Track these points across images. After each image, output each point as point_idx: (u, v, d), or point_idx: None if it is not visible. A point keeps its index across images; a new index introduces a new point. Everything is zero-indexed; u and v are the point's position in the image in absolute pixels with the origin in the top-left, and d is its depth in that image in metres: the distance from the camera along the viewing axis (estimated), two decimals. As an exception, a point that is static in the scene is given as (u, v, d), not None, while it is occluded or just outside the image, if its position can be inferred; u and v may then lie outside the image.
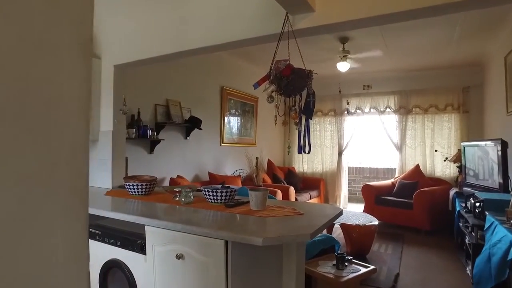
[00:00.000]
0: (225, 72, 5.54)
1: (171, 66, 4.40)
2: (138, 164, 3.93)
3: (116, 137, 2.97)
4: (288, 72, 1.82)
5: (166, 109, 4.34)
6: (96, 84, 2.98)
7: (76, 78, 0.58)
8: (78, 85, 0.59)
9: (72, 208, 0.60)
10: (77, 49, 0.59)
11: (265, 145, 6.85)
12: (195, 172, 4.92)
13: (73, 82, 0.58)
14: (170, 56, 2.62)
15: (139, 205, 2.17)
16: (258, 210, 1.97)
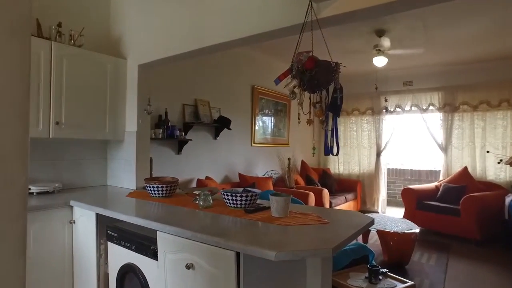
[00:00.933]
0: (256, 70, 5.41)
1: (200, 65, 4.35)
2: (165, 164, 3.90)
3: (140, 137, 2.94)
4: (311, 64, 1.63)
5: (195, 109, 4.28)
6: (122, 84, 2.96)
7: (4, 63, 0.46)
8: (6, 72, 0.46)
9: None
10: (6, 29, 0.46)
11: (298, 146, 6.64)
12: (225, 173, 4.83)
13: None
14: (191, 53, 2.52)
15: (156, 208, 2.09)
16: (279, 217, 1.80)
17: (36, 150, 2.71)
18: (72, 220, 2.33)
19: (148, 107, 2.98)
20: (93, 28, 3.06)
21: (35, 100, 2.39)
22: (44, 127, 2.44)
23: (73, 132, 2.60)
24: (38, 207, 2.17)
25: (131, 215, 1.85)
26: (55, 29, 2.60)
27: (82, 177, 3.01)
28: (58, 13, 2.82)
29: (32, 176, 2.68)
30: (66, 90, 2.55)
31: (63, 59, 2.54)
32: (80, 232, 2.29)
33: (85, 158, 3.03)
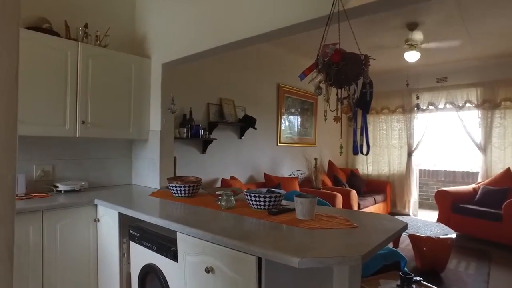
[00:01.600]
0: (281, 69, 5.31)
1: (225, 64, 4.31)
2: (190, 164, 3.89)
3: (164, 137, 2.92)
4: (338, 57, 1.53)
5: (219, 108, 4.25)
6: (146, 83, 2.96)
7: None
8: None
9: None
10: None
11: (325, 145, 6.47)
12: (250, 173, 4.77)
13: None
14: (214, 50, 2.47)
15: (178, 208, 2.05)
16: (304, 219, 1.71)
17: (64, 149, 2.76)
18: (96, 218, 2.35)
19: (172, 106, 2.96)
20: (118, 28, 3.09)
21: (62, 100, 2.43)
22: (70, 127, 2.47)
23: (98, 132, 2.63)
24: (64, 205, 2.20)
25: (152, 215, 1.82)
26: (82, 30, 2.64)
27: (107, 176, 3.04)
28: (86, 15, 2.86)
29: (60, 174, 2.73)
30: (91, 90, 2.58)
31: (88, 59, 2.56)
32: (103, 230, 2.30)
33: (111, 157, 3.07)
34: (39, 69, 2.32)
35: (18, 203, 2.14)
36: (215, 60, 4.16)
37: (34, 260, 2.07)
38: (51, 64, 2.37)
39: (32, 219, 2.07)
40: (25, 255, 2.03)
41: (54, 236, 2.16)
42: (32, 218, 2.07)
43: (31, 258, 2.06)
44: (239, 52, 4.49)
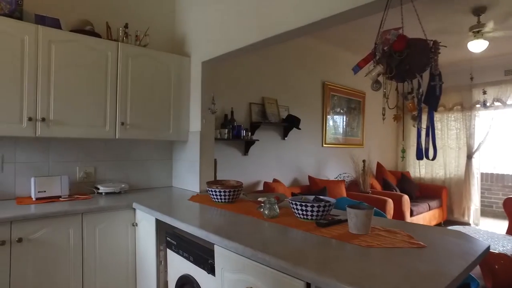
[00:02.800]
0: (326, 66, 5.03)
1: (267, 62, 4.14)
2: (231, 166, 3.76)
3: (205, 138, 2.81)
4: (402, 45, 1.28)
5: (262, 107, 4.08)
6: (186, 83, 2.87)
7: None
8: None
9: None
10: None
11: (374, 146, 6.07)
12: (294, 175, 4.55)
13: None
14: (256, 45, 2.30)
15: (216, 215, 1.90)
16: (358, 234, 1.47)
17: (105, 150, 2.75)
18: (134, 222, 2.28)
19: (212, 106, 2.84)
20: (158, 28, 3.03)
21: (102, 101, 2.40)
22: (110, 128, 2.44)
23: (137, 133, 2.57)
24: (102, 208, 2.14)
25: (189, 224, 1.68)
26: (122, 31, 2.60)
27: (148, 178, 2.99)
28: (127, 15, 2.84)
29: (101, 176, 2.72)
30: (131, 90, 2.53)
31: (128, 59, 2.52)
32: (141, 235, 2.22)
33: (151, 159, 3.02)
34: (81, 71, 2.31)
35: (61, 204, 2.12)
36: (257, 58, 4.01)
37: (74, 261, 2.04)
38: (92, 65, 2.35)
39: (73, 221, 2.04)
40: (66, 255, 2.02)
41: (93, 239, 2.12)
42: (73, 220, 2.04)
43: (71, 259, 2.03)
44: (282, 49, 4.30)
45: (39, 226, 1.93)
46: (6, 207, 2.03)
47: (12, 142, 2.35)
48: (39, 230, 1.93)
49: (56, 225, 1.98)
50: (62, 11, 2.54)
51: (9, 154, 2.34)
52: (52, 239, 1.97)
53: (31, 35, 2.13)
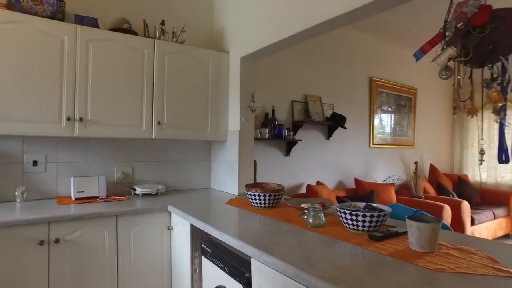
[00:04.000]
0: (374, 60, 4.68)
1: (310, 57, 3.91)
2: (271, 167, 3.58)
3: (244, 138, 2.66)
4: (484, 18, 1.02)
5: (305, 105, 3.86)
6: (224, 80, 2.74)
7: None
8: None
9: None
10: None
11: (426, 147, 5.58)
12: (338, 177, 4.27)
13: None
14: (298, 36, 2.10)
15: (255, 222, 1.73)
16: (422, 252, 1.23)
17: (143, 151, 2.70)
18: (170, 226, 2.18)
19: (252, 104, 2.69)
20: (196, 24, 2.94)
21: (138, 100, 2.34)
22: (146, 128, 2.37)
23: (174, 133, 2.48)
24: (137, 211, 2.07)
25: (224, 231, 1.53)
26: (159, 28, 2.53)
27: (185, 179, 2.90)
28: (164, 12, 2.77)
29: (139, 177, 2.67)
30: (167, 89, 2.45)
31: (165, 56, 2.43)
32: (177, 240, 2.11)
33: (189, 160, 2.93)
34: (118, 69, 2.26)
35: (97, 206, 2.08)
36: (299, 53, 3.80)
37: (109, 264, 1.99)
38: (129, 64, 2.30)
39: (107, 223, 1.98)
40: (101, 257, 1.97)
41: (128, 242, 2.05)
42: (107, 222, 1.98)
43: (106, 261, 1.98)
44: (326, 44, 4.05)
45: (75, 227, 1.89)
46: (47, 207, 2.02)
47: (54, 142, 2.36)
48: (75, 231, 1.89)
49: (91, 227, 1.93)
50: (101, 11, 2.52)
51: (52, 154, 2.35)
52: (87, 241, 1.92)
53: (70, 35, 2.12)
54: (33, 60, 2.01)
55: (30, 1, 2.13)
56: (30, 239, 1.78)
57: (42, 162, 2.31)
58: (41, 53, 2.03)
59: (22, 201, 2.18)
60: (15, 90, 1.96)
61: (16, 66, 1.96)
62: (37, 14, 2.11)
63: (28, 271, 1.77)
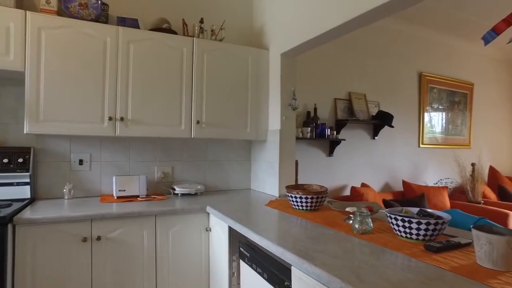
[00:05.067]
0: (424, 54, 4.36)
1: (354, 52, 3.71)
2: (313, 168, 3.44)
3: (285, 137, 2.56)
4: None
5: (348, 103, 3.68)
6: (264, 77, 2.66)
7: None
8: None
9: None
10: None
11: (485, 147, 5.10)
12: (385, 179, 4.02)
13: None
14: (340, 29, 1.96)
15: (296, 226, 1.62)
16: (494, 269, 1.05)
17: (183, 150, 2.69)
18: (208, 227, 2.14)
19: (293, 102, 2.58)
20: (235, 21, 2.90)
21: (177, 99, 2.33)
22: (186, 127, 2.35)
23: (213, 132, 2.44)
24: (175, 211, 2.05)
25: (262, 236, 1.44)
26: (198, 26, 2.51)
27: (225, 180, 2.86)
28: (202, 10, 2.76)
29: (178, 176, 2.67)
30: (206, 87, 2.42)
31: (203, 54, 2.40)
32: (215, 242, 2.06)
33: (229, 159, 2.88)
34: (157, 69, 2.27)
35: (137, 205, 2.09)
36: (342, 48, 3.62)
37: (148, 263, 1.99)
38: (168, 63, 2.30)
39: (146, 223, 1.98)
40: (140, 256, 1.98)
41: (166, 242, 2.03)
42: (146, 222, 1.98)
43: (145, 260, 1.98)
44: (371, 37, 3.83)
45: (116, 226, 1.91)
46: (90, 204, 2.06)
47: (98, 142, 2.42)
48: (116, 229, 1.91)
49: (130, 226, 1.94)
50: (142, 11, 2.55)
51: (96, 153, 2.42)
52: (127, 239, 1.93)
53: (112, 37, 2.15)
54: (79, 62, 2.07)
55: (77, 6, 2.20)
56: (75, 235, 1.82)
57: (87, 161, 2.38)
58: (86, 55, 2.08)
59: (69, 198, 2.26)
60: (63, 92, 2.03)
61: (65, 69, 2.03)
62: (83, 18, 2.18)
63: (72, 266, 1.81)
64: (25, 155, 2.15)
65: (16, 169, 2.12)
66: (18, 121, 2.22)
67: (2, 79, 2.20)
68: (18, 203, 2.01)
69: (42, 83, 1.99)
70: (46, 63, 2.00)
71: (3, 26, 1.93)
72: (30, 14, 1.98)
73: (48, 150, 2.30)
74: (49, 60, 2.00)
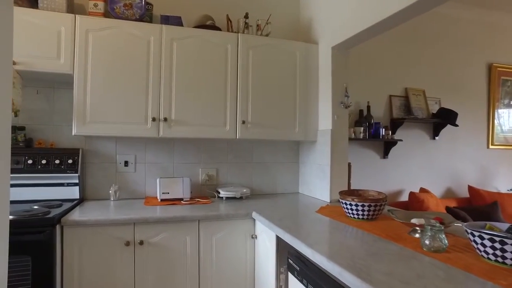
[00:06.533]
0: (495, 42, 3.87)
1: (410, 44, 3.39)
2: (367, 171, 3.18)
3: (336, 137, 2.35)
4: None
5: (405, 100, 3.36)
6: (313, 74, 2.48)
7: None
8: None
9: None
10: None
11: None
12: (447, 184, 3.62)
13: None
14: (395, 17, 1.73)
15: (352, 239, 1.42)
16: None
17: (227, 152, 2.59)
18: (254, 234, 2.00)
19: (345, 99, 2.37)
20: (281, 15, 2.75)
21: (222, 97, 2.23)
22: (231, 127, 2.24)
23: (259, 132, 2.31)
24: (220, 216, 1.94)
25: (315, 250, 1.27)
26: (242, 21, 2.39)
27: (271, 183, 2.71)
28: (247, 5, 2.64)
29: (222, 179, 2.57)
30: (252, 85, 2.29)
31: (249, 51, 2.28)
32: (261, 250, 1.92)
33: (276, 162, 2.73)
34: (201, 66, 2.19)
35: (181, 209, 2.02)
36: (398, 40, 3.32)
37: (191, 270, 1.91)
38: (211, 60, 2.21)
39: (189, 228, 1.89)
40: (183, 262, 1.90)
41: (210, 248, 1.93)
42: (189, 227, 1.89)
43: (188, 267, 1.91)
44: (430, 26, 3.48)
45: (158, 230, 1.84)
46: (134, 207, 2.03)
47: (142, 143, 2.40)
48: (158, 234, 1.84)
49: (173, 231, 1.86)
50: (185, 9, 2.50)
51: (141, 155, 2.40)
52: (170, 245, 1.86)
53: (156, 35, 2.11)
54: (123, 63, 2.04)
55: (122, 7, 2.18)
56: (118, 238, 1.78)
57: (132, 163, 2.36)
58: (130, 56, 2.06)
59: (115, 199, 2.25)
60: (108, 93, 2.02)
61: (109, 70, 2.02)
62: (128, 18, 2.16)
63: (116, 270, 1.78)
64: (74, 156, 2.18)
65: (67, 170, 2.15)
66: (69, 123, 2.25)
67: (55, 83, 2.25)
68: (68, 203, 2.03)
69: (89, 84, 1.99)
70: (92, 64, 2.00)
71: (55, 31, 1.96)
72: (79, 18, 1.99)
73: (96, 151, 2.31)
74: (95, 61, 2.00)
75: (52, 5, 2.03)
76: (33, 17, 1.93)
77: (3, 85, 0.60)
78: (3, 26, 0.57)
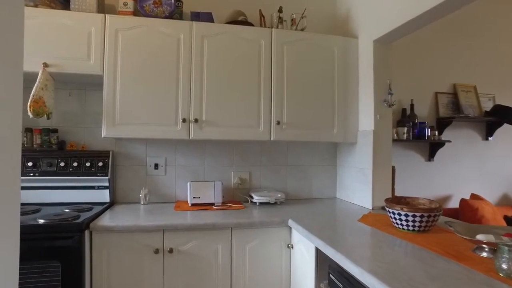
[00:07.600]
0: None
1: (459, 36, 3.09)
2: (411, 175, 2.93)
3: (379, 139, 2.15)
4: None
5: (453, 98, 3.07)
6: (353, 70, 2.29)
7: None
8: None
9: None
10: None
11: None
12: (502, 190, 3.27)
13: None
14: (444, 6, 1.52)
15: (404, 255, 1.23)
16: None
17: (261, 154, 2.46)
18: (290, 244, 1.85)
19: (388, 97, 2.16)
20: (317, 8, 2.58)
21: (255, 97, 2.10)
22: (264, 128, 2.10)
23: (295, 134, 2.15)
24: (253, 224, 1.80)
25: (363, 269, 1.10)
26: (276, 16, 2.25)
27: (307, 187, 2.55)
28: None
29: (255, 183, 2.44)
30: (287, 83, 2.14)
31: (283, 46, 2.14)
32: (298, 262, 1.76)
33: (312, 165, 2.56)
34: (233, 64, 2.07)
35: (212, 214, 1.91)
36: (445, 31, 3.04)
37: (223, 281, 1.80)
38: (244, 57, 2.08)
39: (221, 236, 1.78)
40: (214, 272, 1.79)
41: (243, 258, 1.80)
42: (221, 235, 1.78)
43: (220, 277, 1.79)
44: (481, 16, 3.16)
45: (188, 238, 1.74)
46: (164, 212, 1.95)
47: (172, 145, 2.32)
48: (188, 242, 1.74)
49: (204, 239, 1.75)
50: (217, 5, 2.40)
51: (171, 157, 2.32)
52: (200, 254, 1.75)
53: (186, 33, 2.02)
54: (153, 62, 1.97)
55: (152, 5, 2.12)
56: (147, 246, 1.70)
57: (162, 165, 2.29)
58: (159, 54, 1.98)
59: (145, 203, 2.19)
60: (138, 93, 1.95)
61: (139, 70, 1.96)
62: (157, 16, 2.09)
63: (145, 277, 1.70)
64: (105, 159, 2.14)
65: (97, 172, 2.11)
66: (99, 125, 2.22)
67: (86, 84, 2.23)
68: (98, 207, 1.99)
69: (118, 85, 1.94)
70: (121, 64, 1.94)
71: (85, 32, 1.92)
72: (108, 17, 1.94)
73: (126, 153, 2.26)
74: (124, 61, 1.95)
75: (83, 6, 2.00)
76: (64, 18, 1.90)
77: (13, 87, 0.53)
78: (14, 30, 0.54)
